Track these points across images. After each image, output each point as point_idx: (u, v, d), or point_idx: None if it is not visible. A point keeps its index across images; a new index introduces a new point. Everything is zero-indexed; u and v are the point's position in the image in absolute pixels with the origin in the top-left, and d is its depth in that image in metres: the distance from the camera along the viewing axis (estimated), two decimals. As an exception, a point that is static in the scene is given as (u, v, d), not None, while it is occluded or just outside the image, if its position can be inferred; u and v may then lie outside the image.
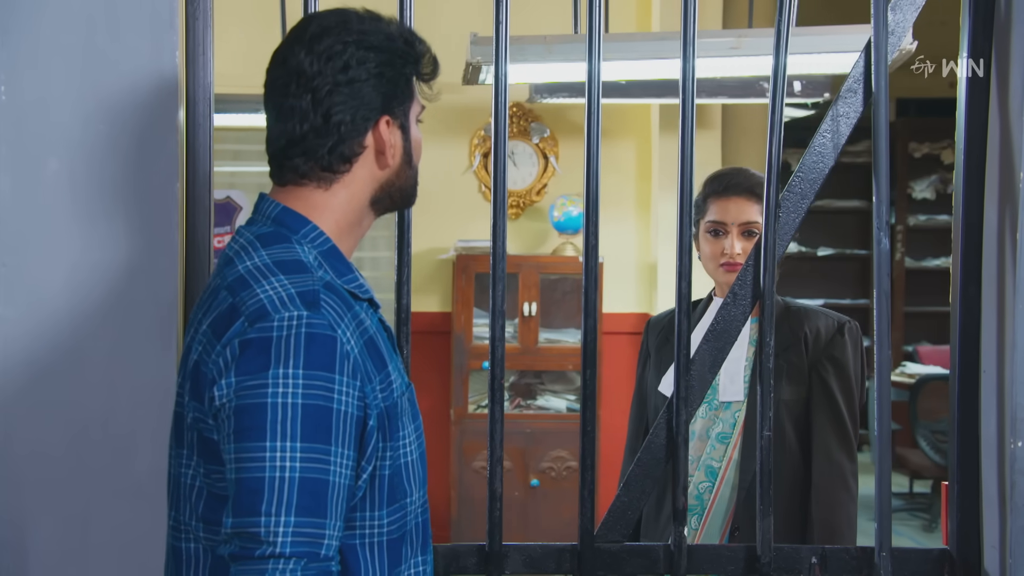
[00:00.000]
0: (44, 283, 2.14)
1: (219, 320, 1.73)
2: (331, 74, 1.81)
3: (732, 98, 5.28)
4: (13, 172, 2.13)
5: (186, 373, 1.78)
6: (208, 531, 1.76)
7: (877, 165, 2.32)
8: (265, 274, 1.73)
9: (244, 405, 1.66)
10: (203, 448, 1.75)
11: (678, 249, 2.39)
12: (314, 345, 1.67)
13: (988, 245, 2.32)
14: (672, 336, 2.90)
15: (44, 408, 2.15)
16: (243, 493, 1.64)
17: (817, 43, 4.07)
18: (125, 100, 2.16)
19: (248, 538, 1.63)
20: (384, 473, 1.78)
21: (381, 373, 1.77)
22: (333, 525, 1.67)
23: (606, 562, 2.38)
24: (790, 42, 2.38)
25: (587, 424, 2.37)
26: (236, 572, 1.64)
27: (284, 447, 1.64)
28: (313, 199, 1.85)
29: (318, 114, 1.81)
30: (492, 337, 2.36)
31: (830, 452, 2.77)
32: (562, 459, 5.96)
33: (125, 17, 2.15)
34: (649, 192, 6.40)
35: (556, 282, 6.12)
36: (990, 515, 2.32)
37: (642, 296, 6.41)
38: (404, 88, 1.86)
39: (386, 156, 1.84)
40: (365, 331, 1.77)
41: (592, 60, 2.34)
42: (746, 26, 5.99)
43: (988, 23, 2.34)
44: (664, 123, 6.14)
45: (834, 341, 2.81)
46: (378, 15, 1.89)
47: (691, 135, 2.36)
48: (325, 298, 1.71)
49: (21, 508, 2.15)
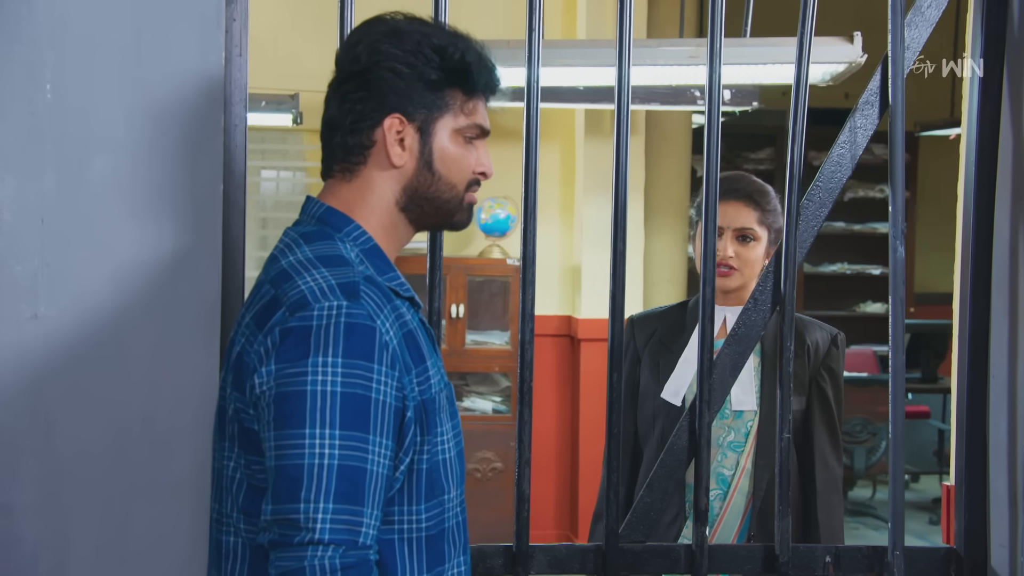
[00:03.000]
0: (88, 282, 2.10)
1: (261, 312, 1.76)
2: (347, 65, 1.87)
3: (664, 105, 5.37)
4: (58, 171, 2.09)
5: (229, 366, 1.81)
6: (248, 523, 1.77)
7: (893, 175, 2.40)
8: (307, 267, 1.76)
9: (284, 392, 1.68)
10: (244, 439, 1.76)
11: (703, 255, 2.43)
12: (354, 334, 1.69)
13: (999, 252, 2.42)
14: (670, 341, 2.95)
15: (86, 406, 2.11)
16: (282, 480, 1.66)
17: (745, 55, 4.14)
18: (171, 100, 2.13)
19: (287, 525, 1.64)
20: (422, 467, 1.80)
21: (419, 367, 1.79)
22: (371, 513, 1.69)
23: (629, 562, 2.42)
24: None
25: (613, 426, 2.40)
26: (275, 559, 1.66)
27: (323, 434, 1.66)
28: (344, 195, 1.88)
29: (335, 103, 1.88)
30: (521, 340, 2.39)
31: (827, 459, 2.86)
32: (488, 460, 5.99)
33: (172, 17, 2.13)
34: (573, 196, 6.46)
35: (483, 284, 6.15)
36: (998, 515, 2.41)
37: (565, 299, 6.47)
38: (426, 92, 1.86)
39: (390, 154, 1.85)
40: (405, 324, 1.80)
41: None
42: (674, 34, 6.11)
43: (1000, 31, 2.42)
44: (589, 128, 6.21)
45: (830, 353, 2.88)
46: (427, 22, 1.91)
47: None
48: (365, 289, 1.74)
49: (61, 505, 2.11)
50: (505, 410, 6.11)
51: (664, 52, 3.98)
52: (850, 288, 9.21)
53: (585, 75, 4.37)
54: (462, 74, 1.88)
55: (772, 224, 2.91)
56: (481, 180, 1.94)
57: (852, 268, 9.19)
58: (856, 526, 7.23)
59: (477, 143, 1.92)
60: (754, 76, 4.41)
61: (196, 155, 2.15)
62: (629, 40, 2.40)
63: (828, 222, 9.33)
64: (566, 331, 6.40)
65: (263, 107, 5.35)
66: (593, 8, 6.17)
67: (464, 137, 1.90)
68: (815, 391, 2.85)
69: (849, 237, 9.12)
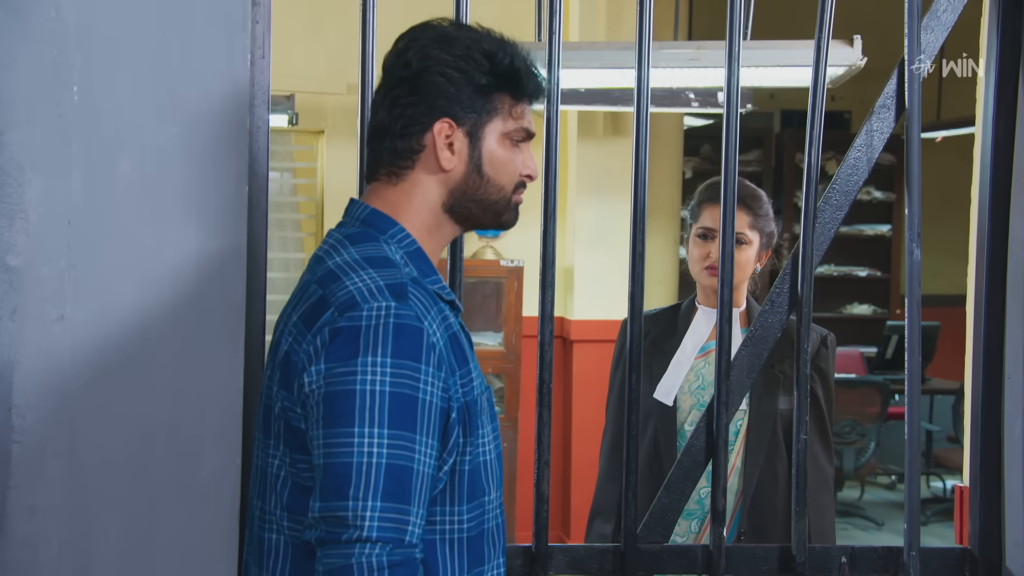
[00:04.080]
0: (114, 285, 2.10)
1: (309, 312, 1.77)
2: (397, 70, 1.88)
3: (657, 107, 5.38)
4: (85, 173, 2.08)
5: (275, 364, 1.82)
6: (292, 521, 1.78)
7: (910, 178, 2.42)
8: (355, 268, 1.78)
9: (333, 392, 1.70)
10: (290, 438, 1.78)
11: (721, 258, 2.44)
12: (402, 335, 1.71)
13: (1014, 256, 2.44)
14: (663, 343, 2.99)
15: (111, 410, 2.11)
16: (331, 477, 1.68)
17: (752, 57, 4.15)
18: (197, 102, 2.13)
19: (335, 522, 1.66)
20: (464, 468, 1.81)
21: (463, 368, 1.81)
22: (417, 512, 1.70)
23: (647, 562, 2.43)
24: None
25: (631, 428, 2.41)
26: (322, 555, 1.67)
27: (372, 433, 1.68)
28: (389, 198, 1.89)
29: (384, 108, 1.89)
30: (541, 343, 2.40)
31: (817, 459, 2.89)
32: (481, 462, 5.98)
33: (199, 19, 2.13)
34: (566, 198, 6.47)
35: (476, 285, 6.15)
36: (1013, 515, 2.43)
37: (558, 301, 6.45)
38: (476, 97, 1.87)
39: (440, 158, 1.87)
40: (450, 326, 1.82)
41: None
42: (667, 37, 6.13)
43: (1016, 33, 2.44)
44: (582, 129, 6.22)
45: (819, 353, 2.92)
46: (474, 28, 1.93)
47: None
48: (413, 291, 1.76)
49: (87, 510, 2.11)
50: (499, 411, 6.11)
51: (664, 55, 3.99)
52: (837, 290, 9.25)
53: (578, 77, 4.38)
54: (511, 79, 1.89)
55: (763, 228, 2.95)
56: (527, 182, 1.95)
57: (839, 270, 9.23)
58: (845, 527, 7.26)
59: (523, 146, 1.94)
60: (748, 79, 4.44)
61: (221, 157, 2.15)
62: (648, 42, 2.42)
63: (815, 224, 9.42)
64: (559, 333, 6.41)
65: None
66: (586, 11, 6.18)
67: (511, 140, 1.92)
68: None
69: (836, 239, 9.02)
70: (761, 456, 2.87)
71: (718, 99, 5.42)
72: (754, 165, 8.92)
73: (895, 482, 8.27)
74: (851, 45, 3.85)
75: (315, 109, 6.14)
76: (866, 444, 7.36)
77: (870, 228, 9.12)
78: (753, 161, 8.92)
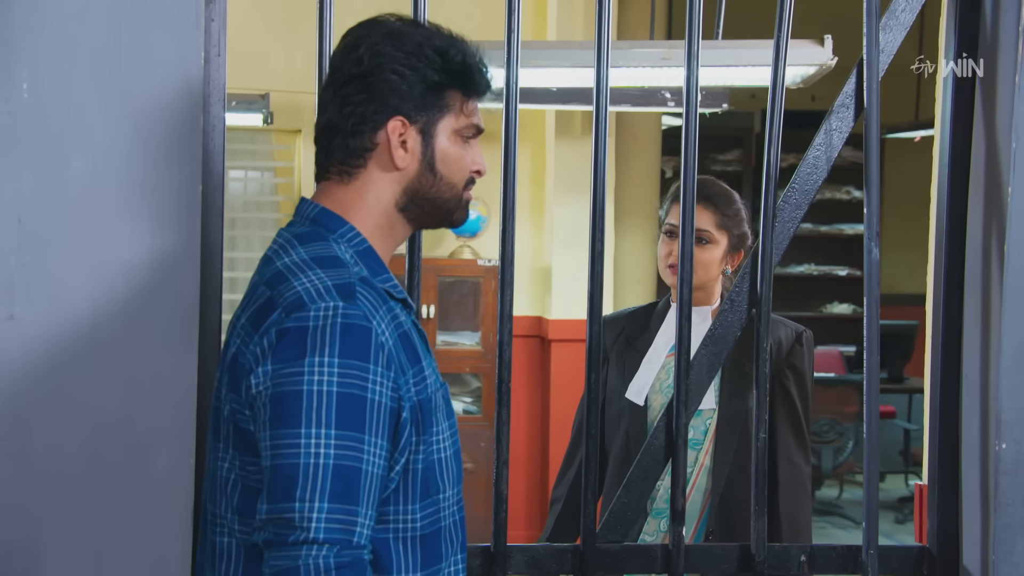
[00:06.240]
0: (65, 283, 2.09)
1: (257, 313, 1.77)
2: (347, 67, 1.87)
3: (634, 106, 5.39)
4: (36, 171, 2.07)
5: (224, 367, 1.82)
6: (243, 524, 1.78)
7: (868, 179, 2.42)
8: (303, 268, 1.78)
9: (280, 392, 1.69)
10: (239, 440, 1.77)
11: (680, 258, 2.44)
12: (350, 335, 1.71)
13: (971, 255, 2.44)
14: (636, 341, 2.99)
15: (63, 408, 2.10)
16: (277, 479, 1.67)
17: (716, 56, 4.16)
18: (149, 99, 2.12)
19: (282, 524, 1.66)
20: (417, 467, 1.81)
21: (415, 367, 1.81)
22: (366, 513, 1.70)
23: (606, 562, 2.43)
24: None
25: (591, 427, 2.41)
26: (269, 558, 1.67)
27: (319, 434, 1.67)
28: (340, 197, 1.89)
29: (334, 106, 1.87)
30: (500, 341, 2.39)
31: (791, 456, 2.88)
32: (459, 461, 5.98)
33: (151, 17, 2.11)
34: (543, 197, 6.48)
35: (453, 284, 6.16)
36: (970, 514, 2.43)
37: (535, 300, 6.48)
38: (428, 94, 1.87)
39: (393, 157, 1.86)
40: (400, 325, 1.81)
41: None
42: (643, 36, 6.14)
43: (973, 34, 2.44)
44: (560, 129, 6.22)
45: (793, 350, 2.91)
46: (424, 24, 1.93)
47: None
48: (361, 290, 1.75)
49: (38, 507, 2.09)
50: (476, 411, 6.12)
51: (635, 54, 3.98)
52: (817, 289, 9.25)
53: (556, 76, 4.37)
54: (463, 76, 1.89)
55: (732, 229, 2.94)
56: (476, 178, 1.95)
57: (819, 269, 9.24)
58: (823, 525, 7.27)
59: (472, 142, 1.94)
60: (724, 78, 4.44)
61: (175, 155, 2.13)
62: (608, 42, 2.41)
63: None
64: (536, 332, 6.41)
65: (233, 107, 5.35)
66: (564, 9, 6.18)
67: (462, 137, 1.92)
68: (778, 389, 2.87)
69: (816, 238, 9.17)
70: (730, 455, 2.87)
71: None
72: (734, 165, 8.92)
73: (874, 481, 8.27)
74: (821, 45, 3.86)
75: (292, 108, 6.13)
76: (844, 443, 7.37)
77: (850, 228, 9.12)
78: (733, 161, 8.92)
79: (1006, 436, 2.34)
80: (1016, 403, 2.32)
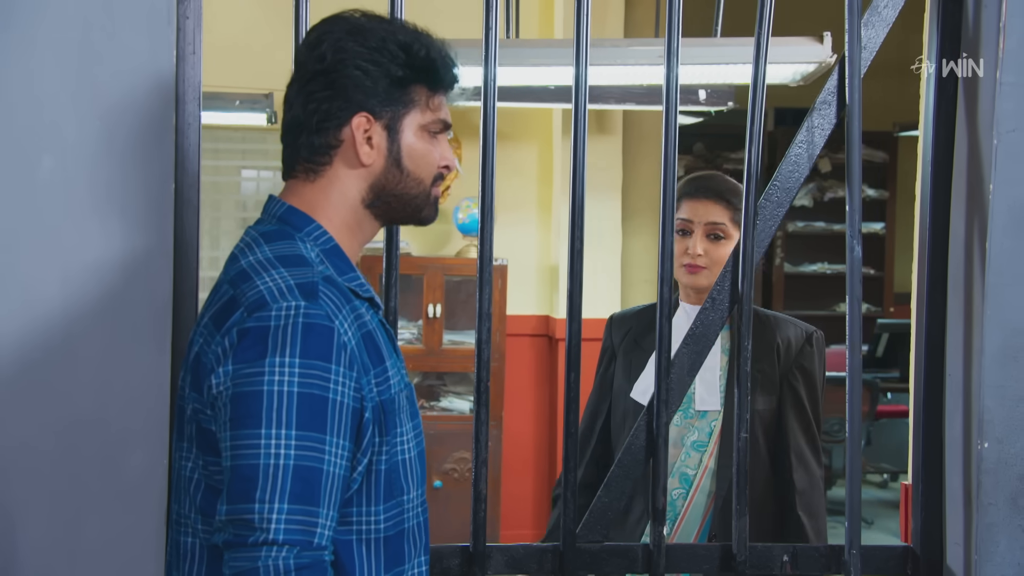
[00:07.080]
0: (36, 282, 2.09)
1: (220, 312, 1.77)
2: (311, 64, 1.87)
3: (640, 105, 5.37)
4: (5, 169, 2.07)
5: (187, 366, 1.81)
6: (206, 524, 1.78)
7: (850, 175, 2.40)
8: (266, 267, 1.77)
9: (240, 393, 1.69)
10: (201, 440, 1.77)
11: (660, 256, 2.43)
12: (311, 335, 1.70)
13: (954, 253, 2.42)
14: (642, 340, 2.95)
15: (35, 407, 2.10)
16: (237, 480, 1.67)
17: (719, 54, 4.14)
18: (120, 98, 2.12)
19: (241, 525, 1.65)
20: (380, 468, 1.81)
21: (378, 367, 1.80)
22: (327, 514, 1.69)
23: (586, 562, 2.41)
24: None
25: (570, 426, 2.39)
26: (229, 559, 1.67)
27: (279, 435, 1.66)
28: (306, 195, 1.88)
29: (299, 103, 1.87)
30: (478, 340, 2.38)
31: (806, 460, 2.81)
32: (465, 460, 5.98)
33: (122, 14, 2.11)
34: (550, 195, 6.47)
35: (460, 284, 6.14)
36: (953, 513, 2.41)
37: (543, 298, 6.47)
38: (392, 90, 1.87)
39: (359, 153, 1.85)
40: (364, 325, 1.80)
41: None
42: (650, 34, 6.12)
43: (955, 31, 2.42)
44: (566, 127, 6.21)
45: (803, 351, 2.86)
46: (388, 19, 1.92)
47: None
48: (324, 290, 1.74)
49: (10, 506, 2.10)
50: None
51: (636, 52, 3.97)
52: (830, 288, 9.20)
53: (562, 74, 4.35)
54: (427, 71, 1.89)
55: None
56: (445, 174, 1.94)
57: (832, 268, 9.19)
58: (834, 525, 7.22)
59: (440, 137, 1.93)
60: (729, 76, 4.41)
61: (147, 154, 2.14)
62: (586, 40, 2.40)
63: (808, 222, 9.41)
64: (544, 331, 6.40)
65: (237, 106, 5.34)
66: (571, 8, 6.15)
67: (429, 132, 1.91)
68: (787, 390, 2.83)
69: (829, 237, 9.13)
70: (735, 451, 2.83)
71: (699, 96, 5.42)
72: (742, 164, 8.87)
73: (887, 480, 8.24)
74: (821, 42, 3.83)
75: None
76: (856, 442, 7.33)
77: (863, 226, 9.05)
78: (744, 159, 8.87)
79: (988, 435, 2.32)
80: (998, 402, 2.31)
